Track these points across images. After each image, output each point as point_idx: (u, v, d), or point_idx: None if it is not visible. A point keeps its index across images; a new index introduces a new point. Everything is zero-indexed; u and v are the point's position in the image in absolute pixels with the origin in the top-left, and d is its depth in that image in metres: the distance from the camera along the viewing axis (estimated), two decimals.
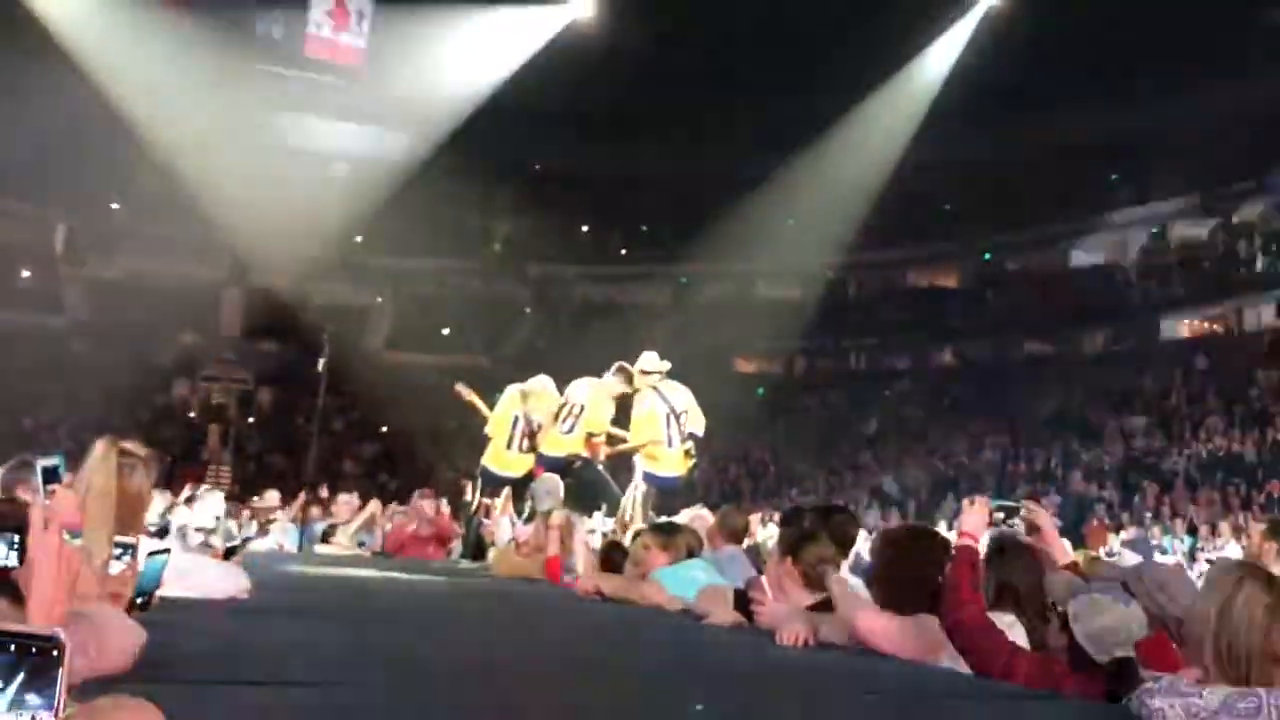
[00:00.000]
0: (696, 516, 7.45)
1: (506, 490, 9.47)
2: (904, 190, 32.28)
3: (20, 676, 1.22)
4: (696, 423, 9.54)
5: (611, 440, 9.60)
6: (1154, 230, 31.75)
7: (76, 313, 34.43)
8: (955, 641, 3.43)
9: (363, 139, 33.39)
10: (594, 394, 9.53)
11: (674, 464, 9.39)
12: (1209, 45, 25.90)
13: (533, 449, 9.49)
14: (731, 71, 29.90)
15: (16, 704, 1.22)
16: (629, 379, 9.62)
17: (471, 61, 28.96)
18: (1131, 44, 26.07)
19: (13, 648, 1.16)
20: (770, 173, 32.06)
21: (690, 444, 9.42)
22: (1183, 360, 26.85)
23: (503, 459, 9.53)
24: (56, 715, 1.27)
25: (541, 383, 9.72)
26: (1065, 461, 23.18)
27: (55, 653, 1.13)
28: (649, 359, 9.65)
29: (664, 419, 9.33)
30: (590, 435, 9.39)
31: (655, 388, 9.48)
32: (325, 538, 10.97)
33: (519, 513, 8.93)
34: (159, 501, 8.33)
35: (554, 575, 7.15)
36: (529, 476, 9.23)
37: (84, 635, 2.40)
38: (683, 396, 9.55)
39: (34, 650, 1.27)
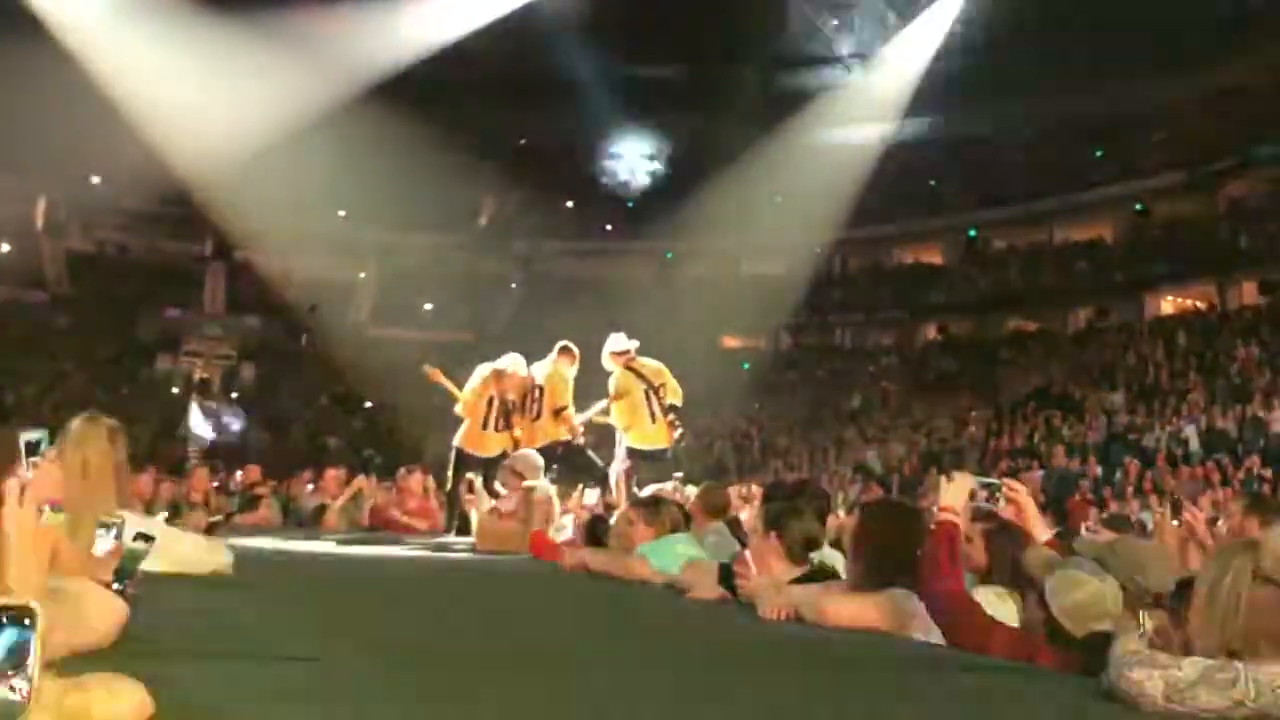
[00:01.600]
0: (661, 490, 7.48)
1: (477, 476, 9.41)
2: (890, 167, 32.29)
3: None
4: (674, 394, 9.58)
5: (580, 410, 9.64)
6: (1138, 207, 31.82)
7: (58, 287, 34.21)
8: (933, 614, 3.46)
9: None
10: (549, 373, 9.56)
11: (658, 437, 9.43)
12: (1196, 21, 25.91)
13: (508, 427, 9.47)
14: (718, 46, 29.83)
15: None
16: (573, 359, 9.67)
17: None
18: (1117, 20, 26.07)
19: None
20: (756, 149, 32.01)
21: (673, 415, 9.46)
22: (1166, 337, 26.97)
23: (479, 439, 9.49)
24: (31, 685, 1.28)
25: (513, 361, 9.68)
26: (1048, 437, 23.28)
27: (28, 621, 1.13)
28: (617, 340, 9.67)
29: (642, 395, 9.37)
30: (557, 411, 9.39)
31: (629, 367, 9.50)
32: (313, 514, 10.98)
33: (492, 494, 8.91)
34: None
35: (538, 549, 7.18)
36: (504, 456, 9.23)
37: (64, 610, 2.40)
38: (656, 371, 9.58)
39: (6, 620, 1.27)
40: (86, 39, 27.81)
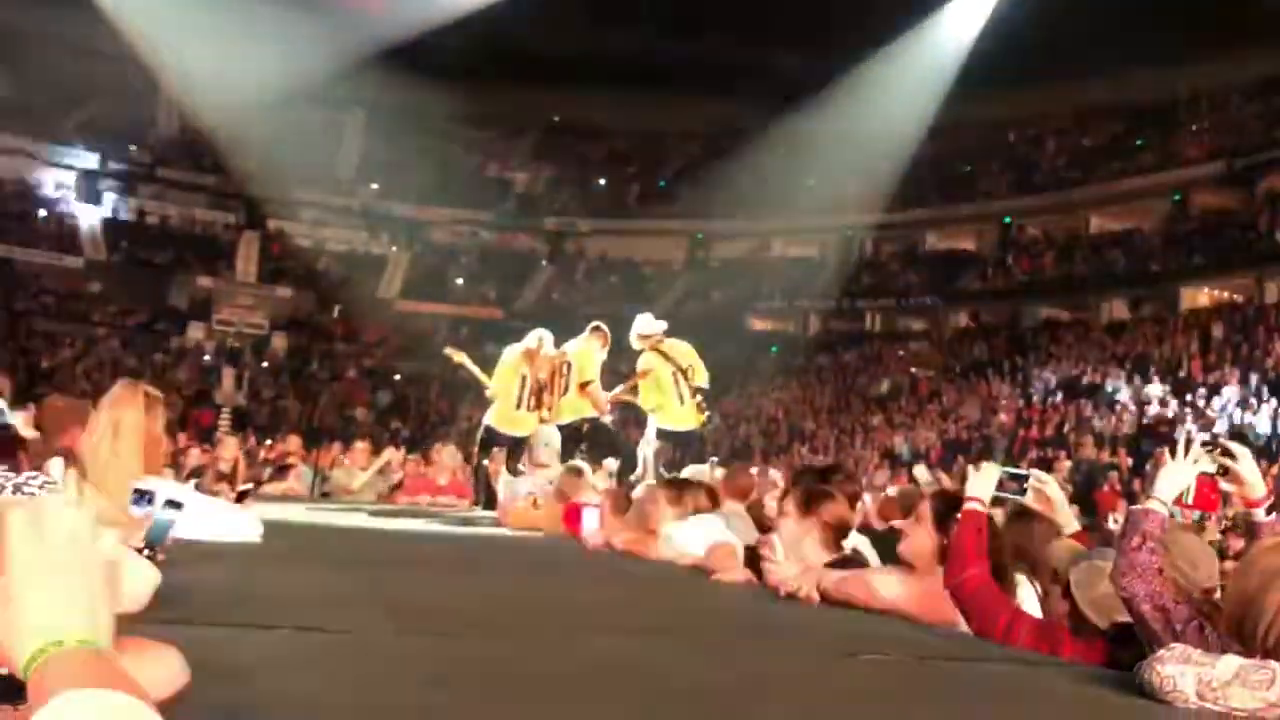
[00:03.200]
0: (698, 473, 7.47)
1: (502, 451, 9.45)
2: (924, 152, 32.05)
3: None
4: (701, 377, 9.56)
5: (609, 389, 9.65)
6: (1176, 197, 31.45)
7: (93, 253, 34.54)
8: (958, 602, 3.46)
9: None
10: (579, 350, 9.56)
11: (686, 418, 9.43)
12: (1236, 10, 25.51)
13: (539, 406, 9.48)
14: (756, 26, 29.62)
15: None
16: (605, 340, 9.65)
17: None
18: (1157, 8, 25.69)
19: None
20: (790, 131, 31.86)
21: (700, 398, 9.46)
22: (1200, 329, 26.69)
23: (511, 418, 9.50)
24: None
25: (540, 338, 9.68)
26: (1077, 427, 23.13)
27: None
28: (645, 322, 9.64)
29: (670, 377, 9.37)
30: (583, 385, 9.39)
31: (656, 349, 9.50)
32: (342, 485, 11.06)
33: (512, 472, 8.94)
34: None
35: (572, 522, 7.19)
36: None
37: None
38: (685, 353, 9.60)
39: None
40: (127, 9, 27.94)
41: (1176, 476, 3.09)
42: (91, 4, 27.53)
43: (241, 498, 5.86)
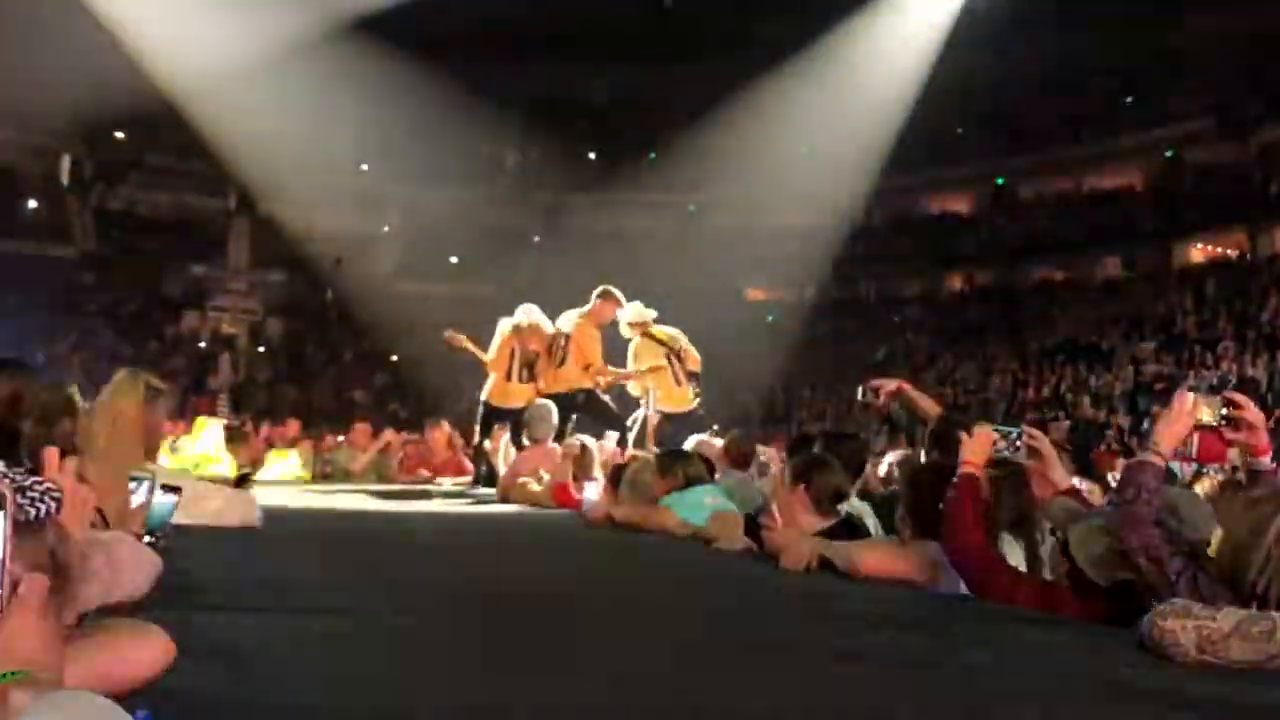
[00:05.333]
0: (701, 442, 7.49)
1: (503, 429, 9.46)
2: (916, 115, 31.91)
3: None
4: (693, 361, 9.61)
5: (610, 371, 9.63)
6: (1168, 154, 31.38)
7: (85, 244, 34.42)
8: (957, 567, 3.46)
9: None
10: (580, 323, 9.53)
11: (683, 400, 9.51)
12: None
13: (532, 378, 9.52)
14: None
15: None
16: (616, 304, 9.63)
17: None
18: None
19: None
20: (780, 99, 31.70)
21: (694, 382, 9.52)
22: (1195, 285, 26.70)
23: (504, 391, 9.55)
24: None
25: (529, 313, 9.69)
26: (1074, 387, 23.18)
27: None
28: (635, 310, 9.69)
29: (664, 358, 9.42)
30: (586, 366, 9.41)
31: (647, 334, 9.53)
32: (341, 468, 11.07)
33: (517, 445, 8.96)
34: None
35: (563, 500, 7.21)
36: (528, 407, 9.29)
37: (99, 562, 2.43)
38: (674, 336, 9.62)
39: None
40: None
41: (1175, 427, 3.08)
42: None
43: (240, 482, 5.86)
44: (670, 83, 34.68)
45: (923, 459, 4.94)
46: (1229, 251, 29.29)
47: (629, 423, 9.40)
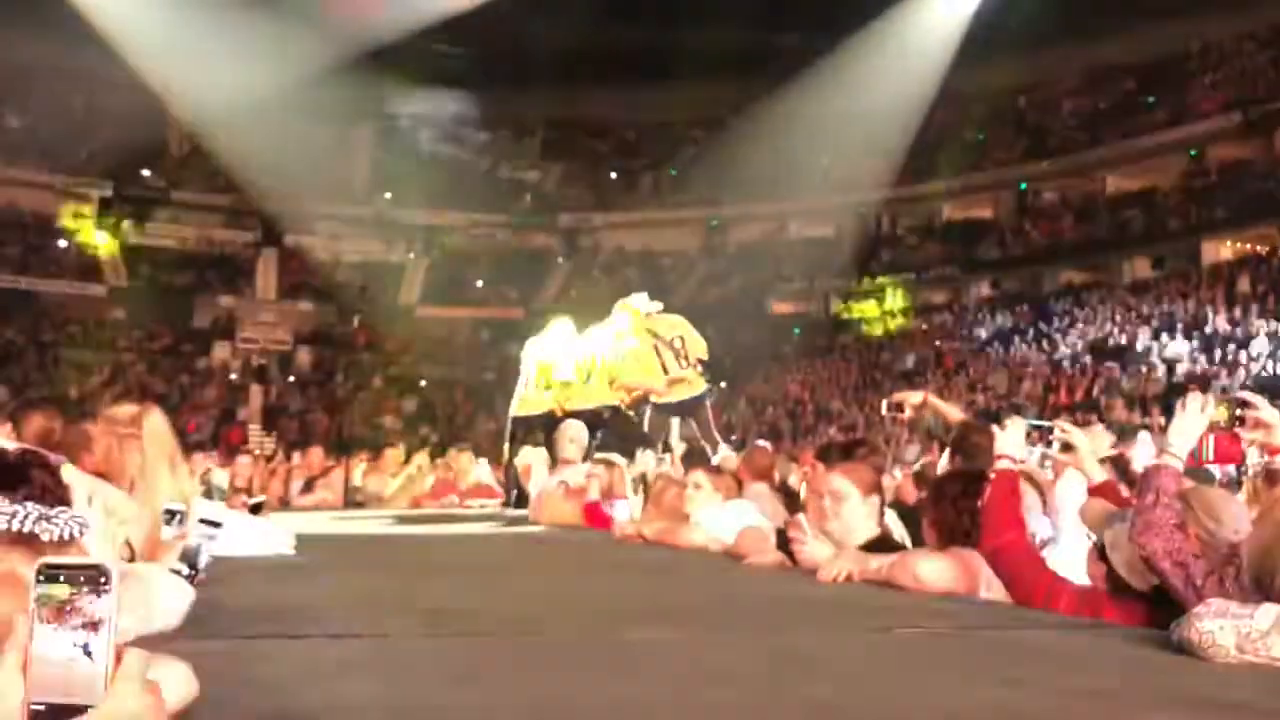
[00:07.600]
0: (726, 458, 7.46)
1: (538, 450, 9.47)
2: (936, 122, 31.85)
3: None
4: (697, 347, 9.52)
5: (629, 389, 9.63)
6: (1192, 152, 31.13)
7: (115, 280, 34.80)
8: (996, 570, 3.41)
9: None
10: (632, 349, 9.53)
11: (683, 388, 9.40)
12: None
13: (549, 387, 9.58)
14: (757, 5, 29.50)
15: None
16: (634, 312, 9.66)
17: None
18: None
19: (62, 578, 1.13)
20: (799, 110, 31.72)
21: (700, 367, 9.43)
22: (1225, 283, 26.43)
23: (525, 402, 9.65)
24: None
25: (555, 330, 9.80)
26: (1107, 390, 22.98)
27: (104, 580, 1.12)
28: (639, 301, 9.70)
29: (651, 351, 9.34)
30: (612, 381, 9.41)
31: (646, 328, 9.52)
32: (373, 493, 11.11)
33: (554, 459, 8.97)
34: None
35: (594, 520, 7.20)
36: (551, 416, 9.30)
37: (134, 594, 2.45)
38: (673, 324, 9.59)
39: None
40: (128, 30, 28.10)
41: (1187, 429, 3.05)
42: (96, 34, 27.75)
43: (255, 511, 5.91)
44: (687, 98, 34.79)
45: (941, 467, 4.91)
46: (1258, 247, 29.00)
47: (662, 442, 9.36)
